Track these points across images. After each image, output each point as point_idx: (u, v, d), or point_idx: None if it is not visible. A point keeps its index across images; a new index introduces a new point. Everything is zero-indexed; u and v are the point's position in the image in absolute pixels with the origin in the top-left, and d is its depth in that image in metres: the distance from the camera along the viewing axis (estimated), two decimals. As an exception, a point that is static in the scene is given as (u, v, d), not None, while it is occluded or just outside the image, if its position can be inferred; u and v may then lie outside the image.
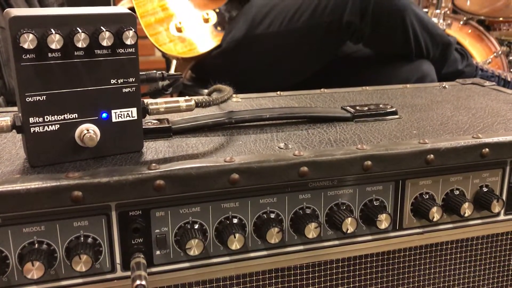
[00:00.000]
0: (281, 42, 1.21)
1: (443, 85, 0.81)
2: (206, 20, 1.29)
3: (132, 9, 1.28)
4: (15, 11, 0.42)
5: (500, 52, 2.04)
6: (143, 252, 0.46)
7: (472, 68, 1.36)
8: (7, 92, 1.59)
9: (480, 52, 2.07)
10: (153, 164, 0.45)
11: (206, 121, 0.57)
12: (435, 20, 2.03)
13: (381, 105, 0.64)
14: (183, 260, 0.48)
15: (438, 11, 2.10)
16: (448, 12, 2.25)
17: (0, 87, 1.56)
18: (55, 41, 0.41)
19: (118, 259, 0.46)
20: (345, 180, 0.51)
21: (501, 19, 2.22)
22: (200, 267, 0.49)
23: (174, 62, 1.27)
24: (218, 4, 1.32)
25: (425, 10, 2.14)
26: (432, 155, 0.51)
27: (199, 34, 1.29)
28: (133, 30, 0.44)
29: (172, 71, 1.31)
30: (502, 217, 0.59)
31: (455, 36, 2.00)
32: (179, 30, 1.27)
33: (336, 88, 0.77)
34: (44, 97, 0.43)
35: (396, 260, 0.56)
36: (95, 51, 0.44)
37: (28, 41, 0.41)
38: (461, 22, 2.13)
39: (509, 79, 1.51)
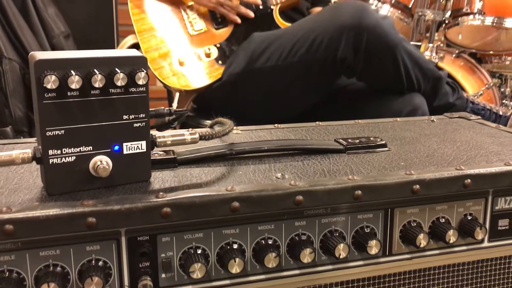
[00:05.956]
0: (279, 76, 1.27)
1: (432, 119, 0.86)
2: (208, 55, 1.35)
3: (137, 44, 1.35)
4: (39, 55, 0.46)
5: (491, 84, 2.11)
6: (150, 275, 0.50)
7: (462, 101, 1.42)
8: (13, 121, 1.64)
9: (472, 84, 2.13)
10: (160, 193, 0.49)
11: (208, 152, 0.61)
12: (428, 53, 2.10)
13: (371, 138, 0.69)
14: (186, 283, 0.51)
15: (431, 44, 2.17)
16: (441, 45, 2.32)
17: (7, 116, 1.60)
18: (74, 81, 0.46)
19: (126, 282, 0.49)
20: (338, 209, 0.55)
21: (491, 52, 2.30)
22: (203, 289, 0.52)
23: (177, 95, 1.32)
24: (219, 40, 1.38)
25: (418, 43, 2.22)
26: (418, 185, 0.56)
27: (201, 68, 1.35)
28: (145, 71, 0.49)
29: (175, 102, 1.37)
30: (486, 244, 0.62)
31: (448, 68, 2.07)
32: (181, 64, 1.33)
33: (330, 121, 0.82)
34: (63, 131, 0.48)
35: (386, 285, 0.59)
36: (110, 90, 0.49)
37: (51, 82, 0.45)
38: (454, 55, 2.20)
39: (500, 113, 1.55)
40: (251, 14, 1.39)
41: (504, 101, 2.26)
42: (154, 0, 1.40)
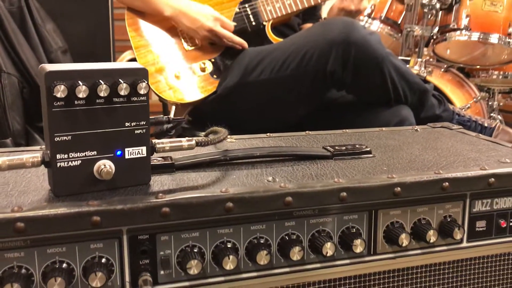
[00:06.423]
0: (271, 89, 1.32)
1: (415, 128, 0.91)
2: (203, 69, 1.40)
3: (134, 59, 1.40)
4: (49, 67, 0.51)
5: (479, 98, 2.16)
6: (149, 272, 0.53)
7: (449, 113, 1.47)
8: (11, 134, 1.67)
9: (460, 98, 2.18)
10: (160, 194, 0.52)
11: (204, 158, 0.65)
12: (416, 67, 2.16)
13: (357, 146, 0.73)
14: (184, 279, 0.55)
15: (419, 59, 2.24)
16: (431, 59, 2.39)
17: (6, 129, 1.64)
18: (82, 91, 0.50)
19: (127, 278, 0.53)
20: (325, 210, 0.59)
21: (478, 67, 2.36)
22: (199, 286, 0.55)
23: (173, 108, 1.37)
24: (213, 55, 1.43)
25: (407, 58, 2.28)
26: (399, 188, 0.60)
27: (196, 82, 1.39)
28: (146, 82, 0.53)
29: (171, 115, 1.41)
30: (465, 244, 0.66)
31: (436, 82, 2.13)
32: (177, 78, 1.37)
33: (319, 131, 0.86)
34: (70, 137, 0.52)
35: (371, 283, 0.63)
36: (114, 99, 0.53)
37: (60, 91, 0.49)
38: (442, 70, 2.27)
39: (486, 125, 1.60)
40: (246, 46, 1.43)
41: (492, 114, 2.33)
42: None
